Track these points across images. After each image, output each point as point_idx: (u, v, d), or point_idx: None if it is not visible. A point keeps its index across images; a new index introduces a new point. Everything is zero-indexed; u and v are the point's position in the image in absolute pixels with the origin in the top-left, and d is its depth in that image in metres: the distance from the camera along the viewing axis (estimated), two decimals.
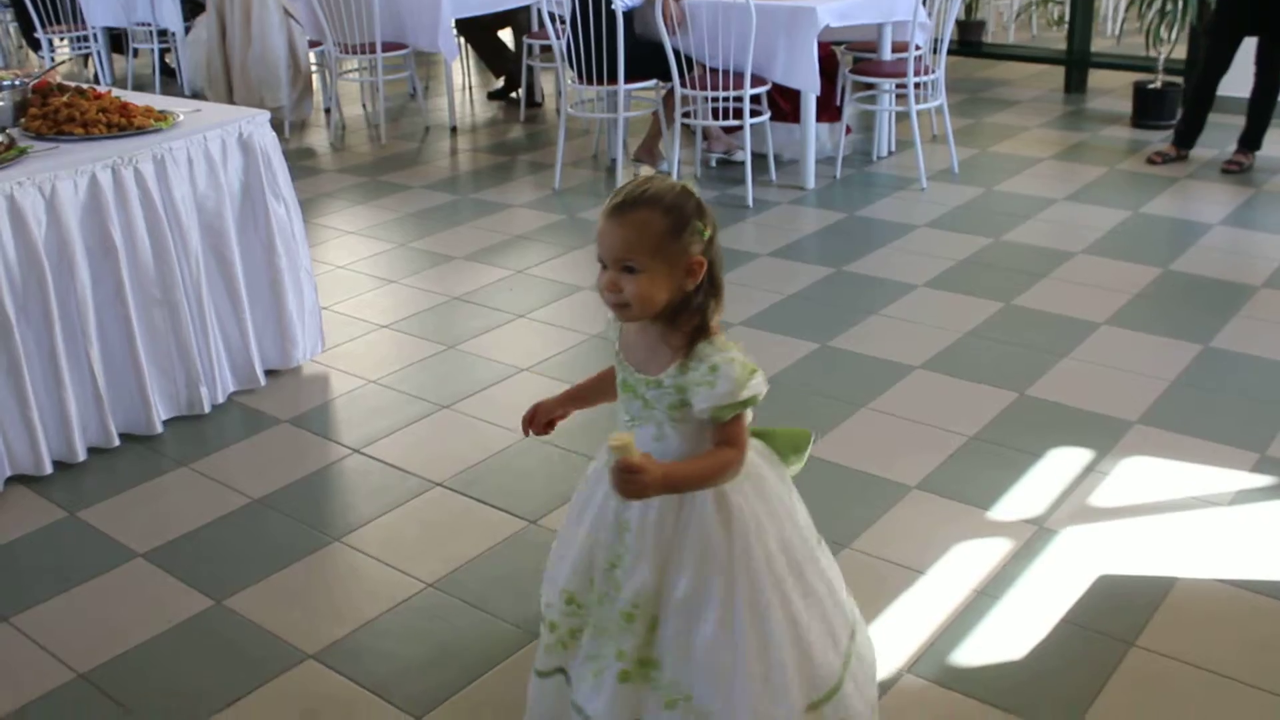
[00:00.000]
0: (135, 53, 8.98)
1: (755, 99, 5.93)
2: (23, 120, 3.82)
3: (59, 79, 4.25)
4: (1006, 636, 2.73)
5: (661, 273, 1.90)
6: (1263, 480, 3.34)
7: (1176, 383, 3.92)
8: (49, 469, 3.51)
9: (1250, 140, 6.26)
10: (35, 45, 9.35)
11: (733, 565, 2.01)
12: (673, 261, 1.90)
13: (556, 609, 2.18)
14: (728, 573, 2.01)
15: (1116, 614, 2.79)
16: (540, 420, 2.31)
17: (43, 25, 8.70)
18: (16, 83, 3.97)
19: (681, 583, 2.02)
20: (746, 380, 1.93)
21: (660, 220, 1.89)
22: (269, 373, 4.11)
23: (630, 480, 1.87)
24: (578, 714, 2.15)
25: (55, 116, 3.77)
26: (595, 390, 2.28)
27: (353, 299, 4.87)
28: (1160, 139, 6.80)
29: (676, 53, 5.87)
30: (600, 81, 6.07)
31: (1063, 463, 3.45)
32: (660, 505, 2.02)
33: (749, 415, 2.01)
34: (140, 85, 8.89)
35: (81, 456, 3.59)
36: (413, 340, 4.45)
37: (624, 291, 1.90)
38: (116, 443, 3.67)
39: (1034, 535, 3.11)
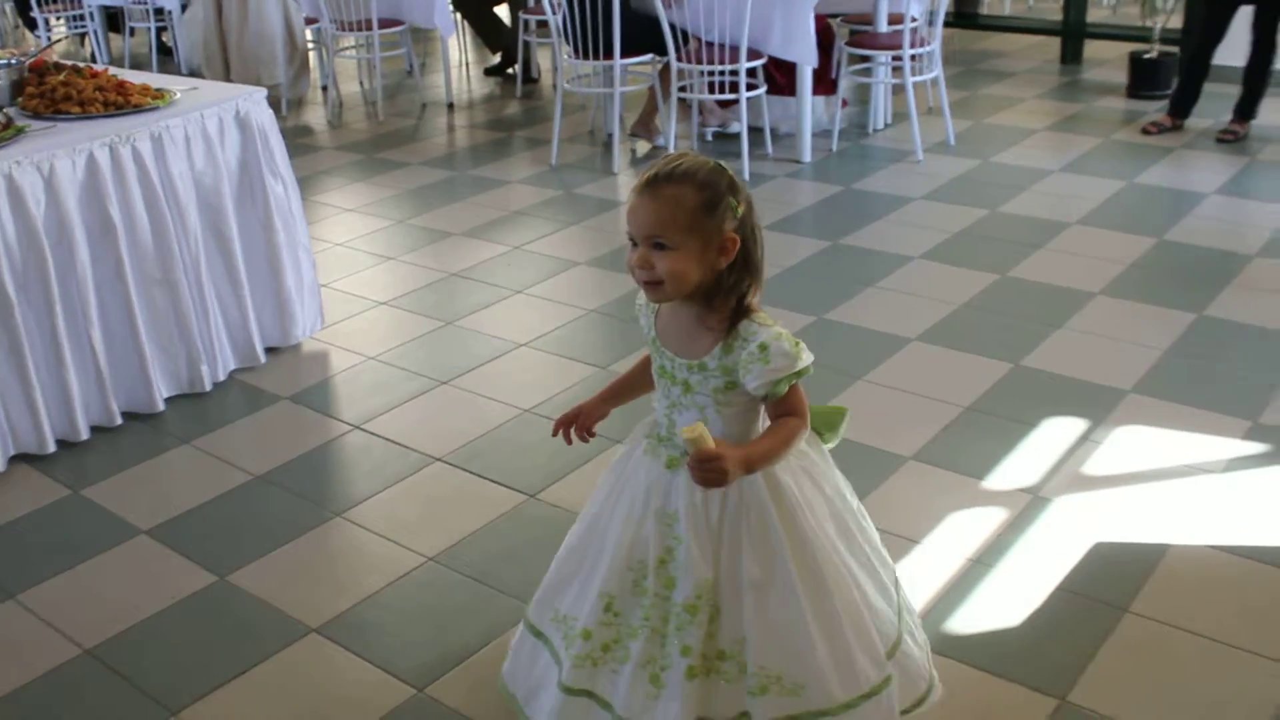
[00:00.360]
0: (132, 31, 8.95)
1: (751, 72, 5.92)
2: (19, 99, 3.82)
3: (55, 58, 4.24)
4: (1001, 604, 2.75)
5: (694, 250, 1.88)
6: (1255, 447, 3.36)
7: (1170, 352, 3.93)
8: (52, 447, 3.52)
9: (1245, 110, 6.25)
10: (32, 24, 9.32)
11: (794, 542, 2.01)
12: (706, 238, 1.88)
13: (591, 615, 2.10)
14: (791, 550, 2.00)
15: (1110, 580, 2.81)
16: (584, 424, 2.25)
17: (39, 4, 8.68)
18: (12, 61, 3.96)
19: (747, 567, 2.00)
20: (797, 352, 1.93)
21: (693, 196, 1.87)
22: (269, 350, 4.12)
23: (711, 469, 1.85)
24: None
25: (52, 95, 3.77)
26: (632, 385, 2.25)
27: (351, 276, 4.87)
28: (1156, 109, 6.80)
29: (672, 26, 5.85)
30: (596, 56, 6.05)
31: (1057, 432, 3.46)
32: (706, 492, 2.00)
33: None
34: (137, 64, 8.86)
35: (84, 435, 3.60)
36: (411, 316, 4.46)
37: (655, 269, 1.88)
38: (119, 421, 3.69)
39: (1029, 504, 3.12)
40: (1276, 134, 6.29)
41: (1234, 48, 6.20)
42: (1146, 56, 7.16)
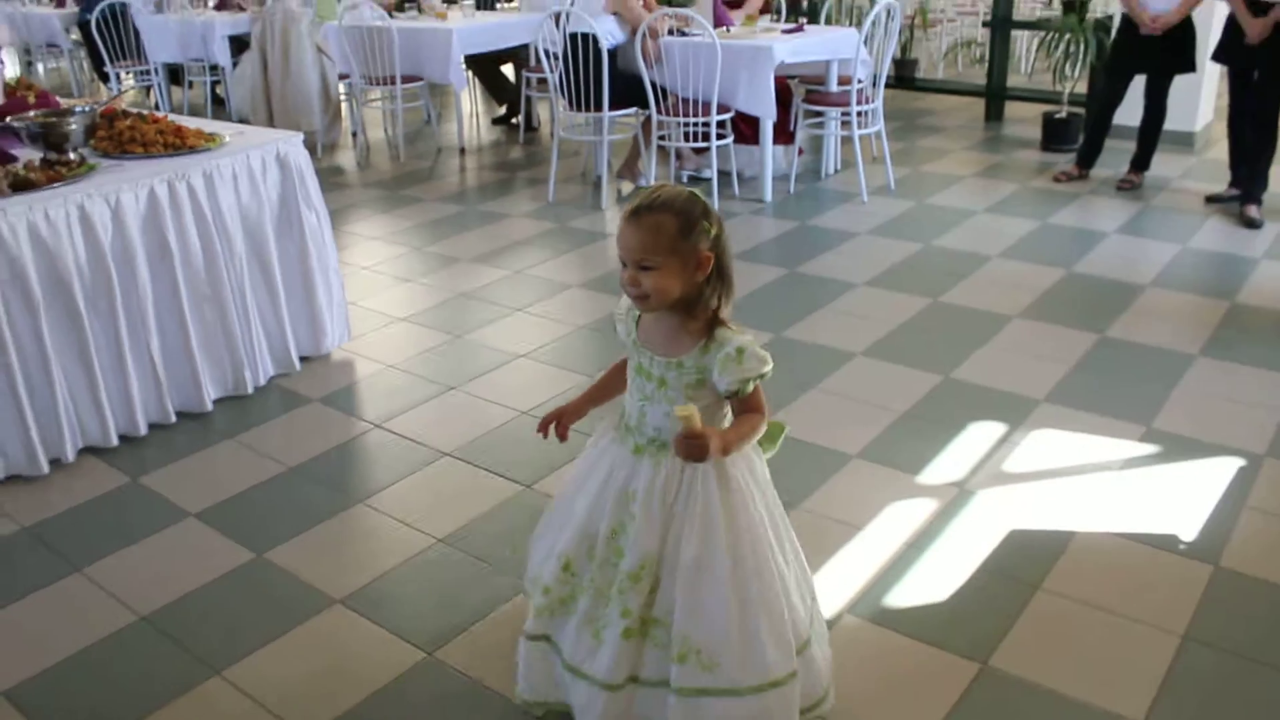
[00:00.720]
0: (190, 85, 8.89)
1: (721, 124, 5.91)
2: (92, 141, 3.78)
3: (124, 106, 4.21)
4: (931, 582, 2.74)
5: (675, 268, 1.89)
6: (1149, 448, 3.35)
7: (1077, 367, 3.93)
8: (115, 441, 3.48)
9: (1141, 162, 6.26)
10: (105, 78, 9.28)
11: (733, 530, 1.99)
12: (684, 258, 1.89)
13: (552, 574, 2.13)
14: (729, 536, 1.98)
15: (1025, 562, 2.80)
16: (564, 424, 2.21)
17: (111, 61, 8.63)
18: (87, 109, 3.93)
19: (688, 546, 1.98)
20: (765, 358, 1.94)
21: (672, 222, 1.87)
22: (303, 359, 4.08)
23: (696, 444, 1.86)
24: (573, 675, 2.10)
25: (120, 138, 3.74)
26: (607, 388, 2.24)
27: (375, 295, 4.83)
28: (1065, 160, 6.80)
29: (653, 84, 5.85)
30: (588, 109, 6.04)
31: (980, 434, 3.46)
32: (666, 475, 1.99)
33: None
34: (194, 112, 8.79)
35: (143, 430, 3.56)
36: (426, 331, 4.42)
37: (643, 285, 1.89)
38: (173, 419, 3.65)
39: (955, 496, 3.11)
40: (1166, 183, 6.31)
41: (1131, 110, 6.23)
42: (1057, 116, 7.17)
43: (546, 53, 6.17)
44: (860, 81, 6.05)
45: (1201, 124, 7.17)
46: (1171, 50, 5.91)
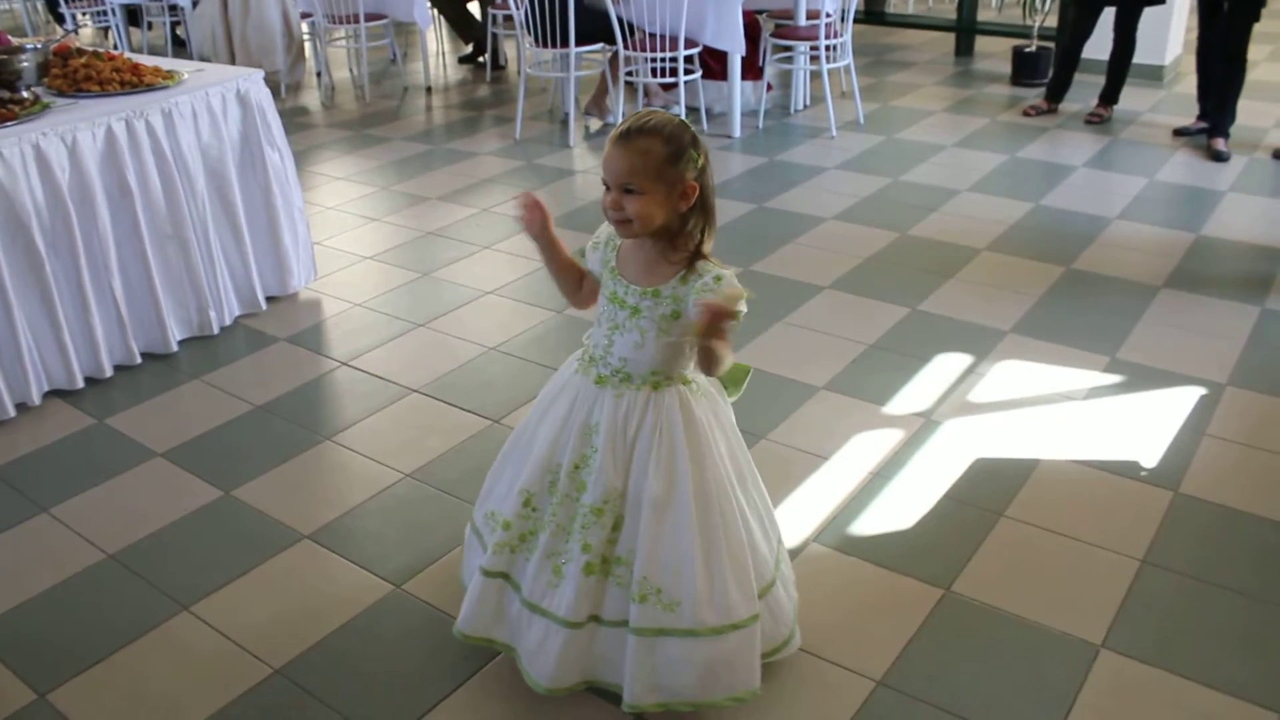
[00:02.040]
0: (150, 25, 8.70)
1: (689, 59, 5.85)
2: (45, 79, 3.71)
3: (78, 44, 4.12)
4: (896, 510, 2.76)
5: (659, 194, 1.85)
6: (1112, 378, 3.39)
7: (1043, 298, 3.95)
8: (80, 383, 3.45)
9: (1109, 96, 6.27)
10: (60, 19, 9.05)
11: (697, 470, 1.97)
12: (669, 185, 1.85)
13: (512, 509, 2.08)
14: (693, 477, 1.96)
15: (989, 490, 2.83)
16: (542, 219, 2.04)
17: (66, 2, 8.42)
18: (38, 46, 3.84)
19: (652, 485, 1.95)
20: (742, 292, 1.89)
21: (660, 148, 1.83)
22: (269, 299, 4.04)
23: (729, 317, 1.76)
24: (531, 611, 2.06)
25: (74, 76, 3.66)
26: (568, 266, 2.12)
27: (342, 235, 4.78)
28: (1034, 95, 6.79)
29: (620, 19, 5.77)
30: (554, 45, 5.96)
31: (947, 366, 3.48)
32: (628, 408, 1.97)
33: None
34: (154, 53, 8.58)
35: (108, 372, 3.53)
36: (393, 269, 4.39)
37: (625, 210, 1.85)
38: (138, 360, 3.61)
39: (921, 426, 3.14)
40: (1134, 116, 6.32)
41: (1100, 44, 6.21)
42: (1027, 50, 7.14)
43: None
44: (829, 15, 5.99)
45: (1171, 57, 7.16)
46: None
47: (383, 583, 2.53)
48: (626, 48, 5.85)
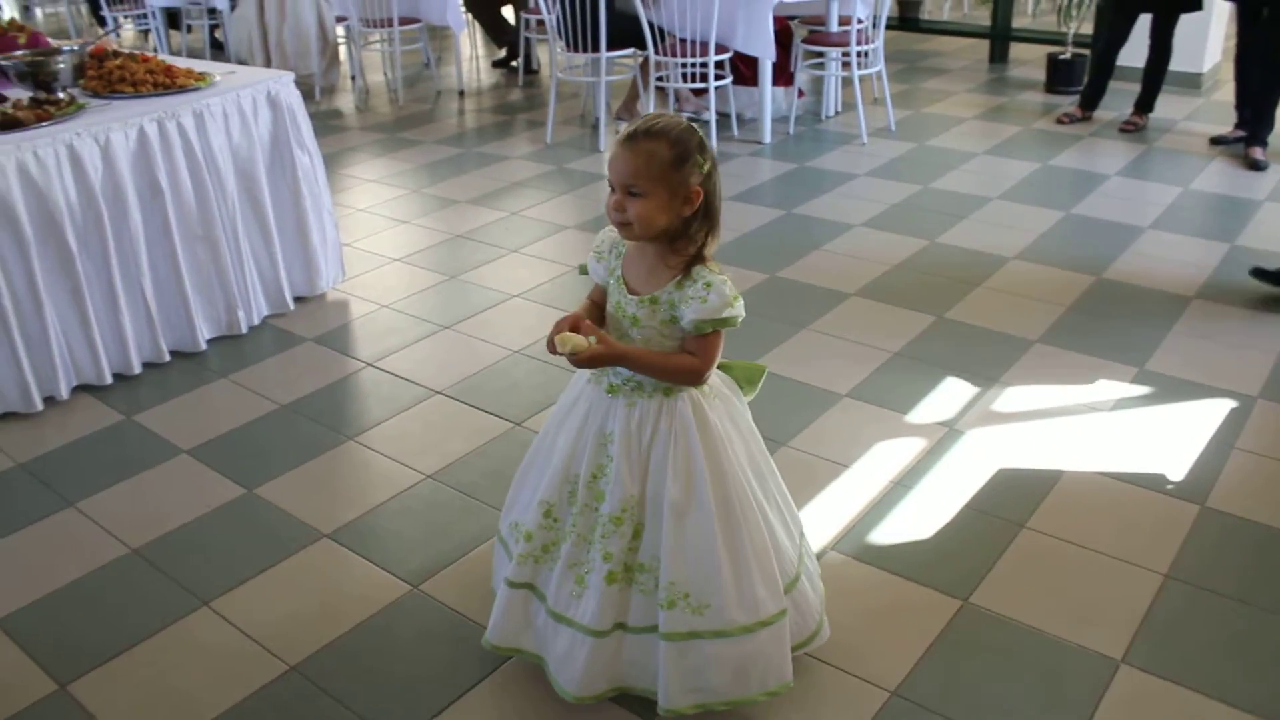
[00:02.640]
0: (189, 28, 8.80)
1: (719, 65, 5.85)
2: (81, 81, 3.76)
3: (114, 46, 4.17)
4: (916, 519, 2.74)
5: (662, 198, 1.83)
6: (1140, 390, 3.34)
7: (1072, 308, 3.91)
8: (109, 379, 3.49)
9: (1144, 103, 6.20)
10: (102, 22, 9.18)
11: (714, 472, 1.97)
12: (673, 189, 1.84)
13: (534, 521, 2.09)
14: (710, 479, 1.96)
15: (1011, 501, 2.80)
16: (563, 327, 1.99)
17: (108, 4, 8.54)
18: (75, 48, 3.90)
19: (670, 489, 1.95)
20: (732, 301, 1.88)
21: (666, 151, 1.82)
22: (297, 299, 4.08)
23: (579, 363, 1.89)
24: (557, 622, 2.07)
25: (109, 77, 3.71)
26: (596, 305, 2.11)
27: (371, 236, 4.81)
28: (1069, 102, 6.73)
29: (651, 25, 5.78)
30: (585, 50, 5.97)
31: (972, 375, 3.44)
32: (640, 416, 1.97)
33: (722, 340, 1.94)
34: (193, 55, 8.70)
35: (137, 369, 3.57)
36: (421, 271, 4.41)
37: (628, 212, 1.85)
38: (167, 358, 3.65)
39: (944, 435, 3.11)
40: (1170, 125, 6.24)
41: (1136, 51, 6.15)
42: (1062, 57, 7.08)
43: None
44: (860, 21, 5.97)
45: (1209, 65, 7.07)
46: None
47: (400, 583, 2.54)
48: (658, 53, 5.85)
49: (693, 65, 5.80)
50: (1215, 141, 5.84)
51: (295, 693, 2.22)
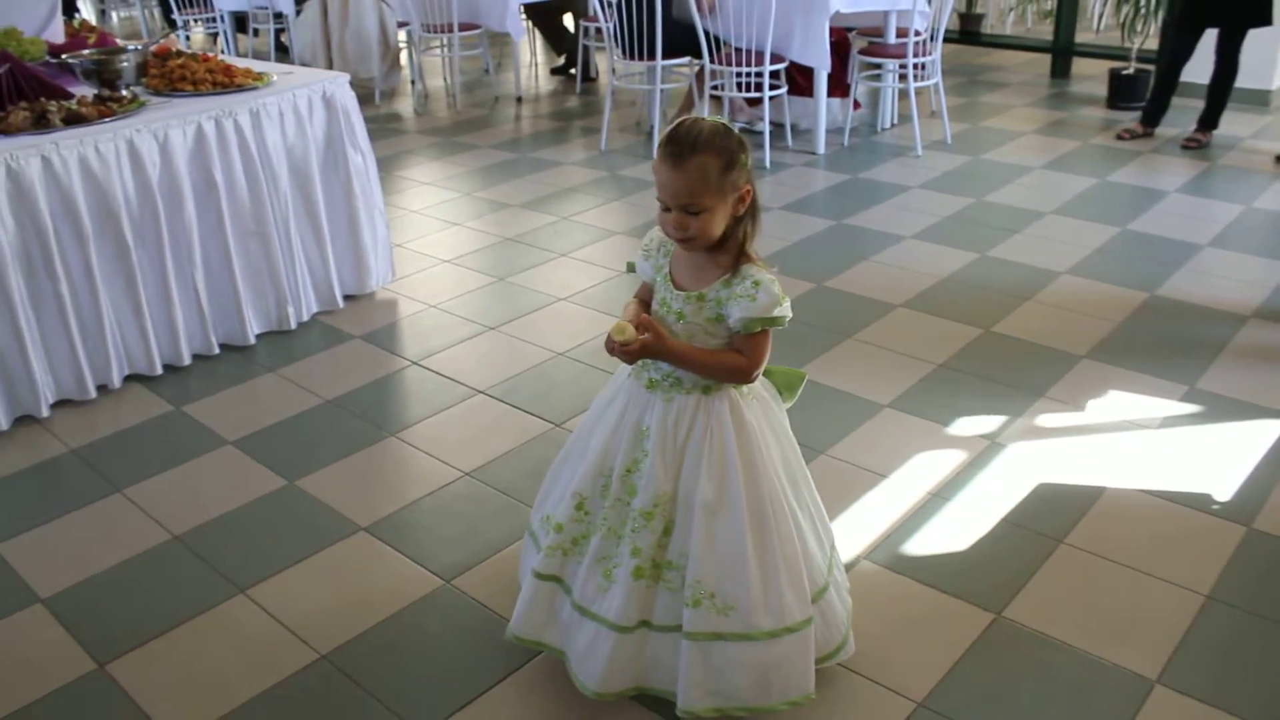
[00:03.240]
0: (256, 32, 8.98)
1: (774, 75, 5.84)
2: (144, 79, 3.85)
3: (178, 46, 4.27)
4: (952, 532, 2.71)
5: (720, 208, 1.85)
6: (1189, 408, 3.28)
7: (1123, 324, 3.84)
8: (160, 370, 3.57)
9: (1208, 120, 6.09)
10: (173, 25, 9.39)
11: (748, 474, 1.96)
12: (727, 195, 1.85)
13: (565, 513, 2.08)
14: (744, 480, 1.96)
15: (1050, 516, 2.76)
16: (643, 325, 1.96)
17: (179, 9, 8.74)
18: (138, 47, 4.00)
19: (704, 489, 1.95)
20: (781, 300, 1.89)
21: (715, 163, 1.82)
22: (347, 297, 4.14)
23: (629, 354, 1.90)
24: (582, 615, 2.06)
25: (170, 76, 3.80)
26: (643, 306, 2.10)
27: (423, 238, 4.87)
28: (1130, 119, 6.63)
29: (707, 34, 5.78)
30: (642, 58, 6.00)
31: (1017, 389, 3.40)
32: (678, 413, 1.97)
33: (770, 340, 1.95)
34: (259, 59, 8.88)
35: (187, 361, 3.64)
36: (470, 273, 4.45)
37: (690, 229, 1.85)
38: (217, 351, 3.73)
39: (986, 449, 3.07)
40: (1235, 142, 6.12)
41: (1201, 67, 6.04)
42: (1125, 73, 6.98)
43: (603, 1, 6.13)
44: (919, 33, 5.93)
45: (1279, 82, 6.92)
46: (1245, 1, 5.71)
47: (433, 577, 2.56)
48: (713, 61, 5.86)
49: (748, 74, 5.80)
50: None
51: (324, 681, 2.25)
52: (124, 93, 3.67)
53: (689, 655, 1.99)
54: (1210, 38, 5.90)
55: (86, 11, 11.51)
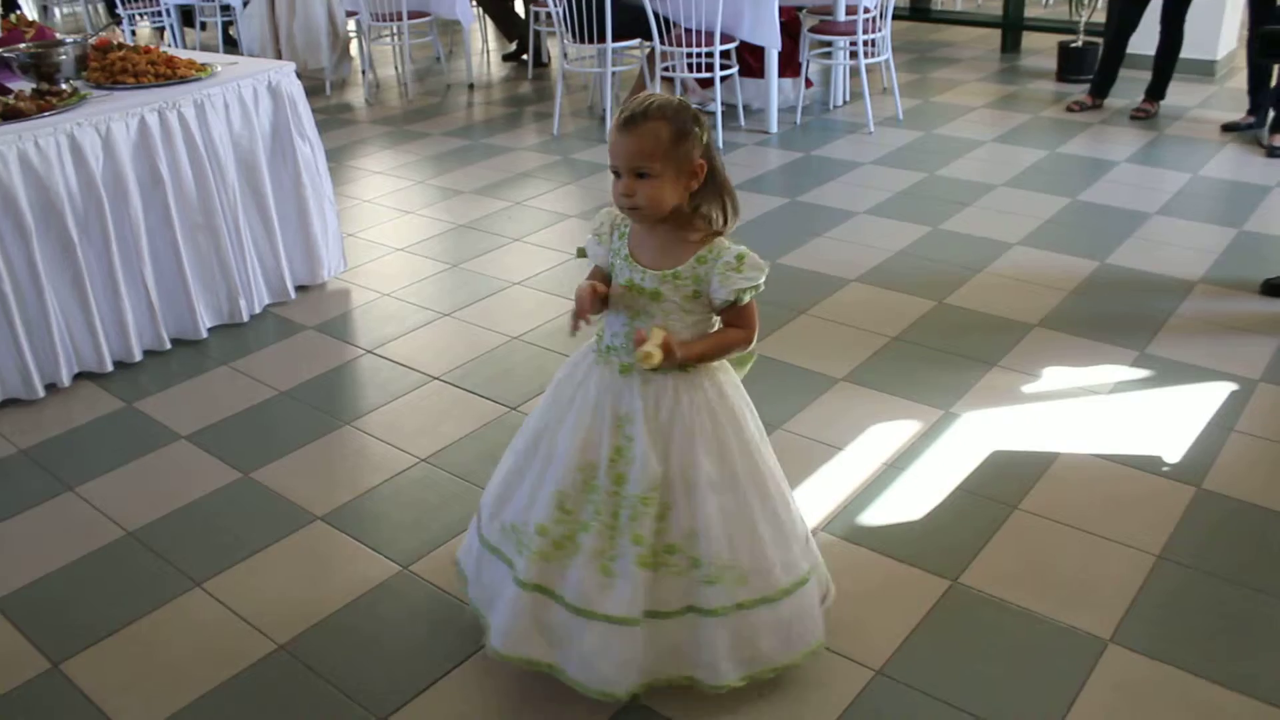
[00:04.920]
0: (203, 26, 8.87)
1: (725, 55, 5.84)
2: (84, 72, 3.79)
3: (119, 39, 4.21)
4: (907, 501, 2.73)
5: (669, 176, 1.86)
6: (1140, 373, 3.33)
7: (1074, 293, 3.89)
8: (110, 367, 3.52)
9: (1156, 91, 6.15)
10: (118, 20, 9.24)
11: (740, 445, 2.00)
12: (679, 166, 1.86)
13: (547, 514, 2.01)
14: (738, 451, 1.99)
15: (1004, 483, 2.79)
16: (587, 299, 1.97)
17: (123, 4, 8.60)
18: (78, 40, 3.94)
19: (703, 465, 1.96)
20: (763, 266, 1.94)
21: (665, 130, 1.84)
22: (299, 288, 4.10)
23: (656, 369, 1.91)
24: (582, 616, 1.99)
25: (111, 68, 3.75)
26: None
27: (375, 227, 4.83)
28: (1080, 91, 6.69)
29: (656, 15, 5.77)
30: (592, 41, 5.98)
31: (970, 359, 3.43)
32: (658, 394, 1.96)
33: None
34: (206, 52, 8.77)
35: (138, 357, 3.60)
36: (423, 260, 4.42)
37: (637, 196, 1.86)
38: (168, 346, 3.68)
39: (940, 419, 3.10)
40: (1182, 112, 6.19)
41: (1148, 38, 6.10)
42: (1073, 45, 7.03)
43: None
44: (868, 10, 5.94)
45: (1224, 51, 7.01)
46: None
47: (391, 564, 2.55)
48: (663, 43, 5.85)
49: (699, 55, 5.79)
50: (1227, 128, 5.79)
51: (282, 670, 2.24)
52: (63, 86, 3.61)
53: (714, 632, 2.01)
54: (1155, 8, 5.95)
55: (27, 7, 11.31)
